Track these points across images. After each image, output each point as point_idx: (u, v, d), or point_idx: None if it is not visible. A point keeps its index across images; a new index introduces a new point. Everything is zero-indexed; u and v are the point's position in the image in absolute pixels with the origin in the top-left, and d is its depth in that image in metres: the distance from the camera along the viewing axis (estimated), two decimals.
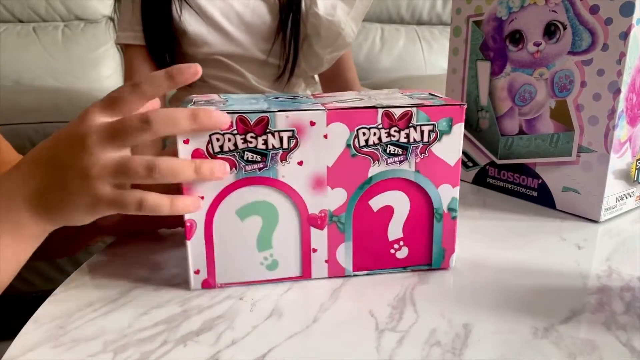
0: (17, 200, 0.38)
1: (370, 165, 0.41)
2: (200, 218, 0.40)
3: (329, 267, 0.43)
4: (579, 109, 0.54)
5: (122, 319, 0.39)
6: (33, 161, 0.39)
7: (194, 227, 0.40)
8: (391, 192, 0.42)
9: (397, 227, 0.43)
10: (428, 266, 0.45)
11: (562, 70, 0.55)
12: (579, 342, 0.36)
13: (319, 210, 0.42)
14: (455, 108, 0.41)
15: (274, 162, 0.40)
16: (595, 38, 0.51)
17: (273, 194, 0.41)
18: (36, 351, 0.35)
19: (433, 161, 0.42)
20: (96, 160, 0.37)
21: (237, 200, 0.40)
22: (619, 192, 0.55)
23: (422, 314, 0.39)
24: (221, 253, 0.42)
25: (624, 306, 0.40)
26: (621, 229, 0.53)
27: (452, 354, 0.35)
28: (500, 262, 0.47)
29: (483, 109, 0.63)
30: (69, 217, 0.39)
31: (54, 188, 0.38)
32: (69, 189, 0.37)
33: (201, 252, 0.41)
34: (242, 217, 0.41)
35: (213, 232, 0.41)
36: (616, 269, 0.45)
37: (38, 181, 0.38)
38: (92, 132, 0.37)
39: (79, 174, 0.37)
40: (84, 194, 0.37)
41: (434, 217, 0.43)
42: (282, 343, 0.36)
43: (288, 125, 0.39)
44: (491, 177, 0.64)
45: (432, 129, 0.41)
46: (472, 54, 0.63)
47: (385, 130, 0.40)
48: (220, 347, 0.36)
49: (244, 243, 0.42)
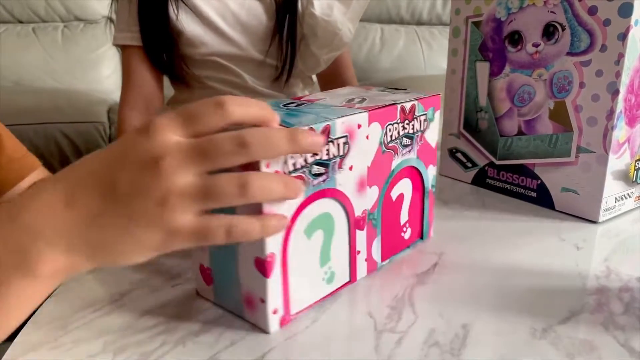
0: (45, 232, 0.30)
1: (393, 158, 0.44)
2: (278, 249, 0.36)
3: (367, 265, 0.44)
4: (578, 109, 0.54)
5: (121, 320, 0.39)
6: (79, 183, 0.31)
7: (274, 262, 0.35)
8: (403, 180, 0.46)
9: (405, 211, 0.47)
10: (420, 240, 0.50)
11: (561, 71, 0.55)
12: (578, 343, 0.36)
13: (362, 211, 0.42)
14: (437, 97, 0.46)
15: (333, 172, 0.38)
16: (594, 39, 0.51)
17: (330, 204, 0.39)
18: (36, 352, 0.36)
19: (425, 146, 0.47)
20: (175, 186, 0.30)
21: (305, 219, 0.37)
22: (618, 193, 0.55)
23: (421, 314, 0.39)
24: (294, 281, 0.37)
25: (622, 307, 0.40)
26: (620, 230, 0.53)
27: (451, 354, 0.35)
28: (499, 262, 0.47)
29: (482, 110, 0.63)
30: (123, 256, 0.32)
31: (112, 220, 0.31)
32: (136, 221, 0.30)
33: (278, 287, 0.36)
34: (309, 235, 0.38)
35: (287, 260, 0.37)
36: (615, 269, 0.45)
37: (86, 210, 0.30)
38: (168, 153, 0.30)
39: (153, 203, 0.30)
40: (157, 228, 0.31)
41: (425, 195, 0.49)
42: (280, 344, 0.36)
43: (343, 131, 0.38)
44: (490, 178, 0.64)
45: (425, 118, 0.46)
46: (471, 55, 0.63)
47: (401, 124, 0.43)
48: (220, 347, 0.36)
49: (310, 262, 0.39)
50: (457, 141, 0.67)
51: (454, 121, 0.67)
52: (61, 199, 0.31)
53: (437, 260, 0.47)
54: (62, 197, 0.31)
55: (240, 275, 0.37)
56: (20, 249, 0.30)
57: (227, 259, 0.37)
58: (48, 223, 0.30)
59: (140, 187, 0.30)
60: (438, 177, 0.69)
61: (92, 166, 0.32)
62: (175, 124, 0.31)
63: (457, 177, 0.68)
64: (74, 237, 0.31)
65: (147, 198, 0.30)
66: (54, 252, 0.30)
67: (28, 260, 0.30)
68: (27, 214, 0.31)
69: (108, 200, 0.31)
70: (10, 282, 0.30)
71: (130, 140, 0.31)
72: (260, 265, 0.35)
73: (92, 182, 0.31)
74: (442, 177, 0.69)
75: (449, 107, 0.67)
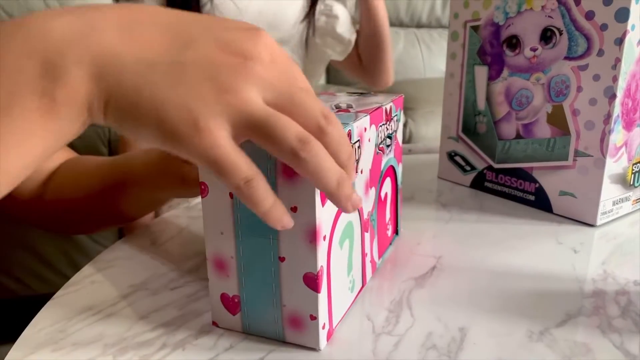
0: (79, 45, 0.25)
1: (382, 159, 0.45)
2: (324, 262, 0.35)
3: (372, 266, 0.45)
4: (575, 113, 0.54)
5: (121, 323, 0.39)
6: (145, 18, 0.27)
7: (322, 275, 0.34)
8: (387, 179, 0.47)
9: (388, 210, 0.49)
10: (397, 236, 0.52)
11: (559, 75, 0.55)
12: (574, 346, 0.36)
13: (367, 213, 0.42)
14: (401, 99, 0.49)
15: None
16: (591, 43, 0.52)
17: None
18: (36, 355, 0.36)
19: (397, 145, 0.49)
20: (247, 93, 0.26)
21: (338, 230, 0.37)
22: (615, 196, 0.56)
23: (419, 317, 0.39)
24: (334, 294, 0.37)
25: (619, 310, 0.40)
26: (617, 233, 0.54)
27: (448, 357, 0.35)
28: (496, 265, 0.47)
29: (480, 114, 0.63)
30: (140, 122, 0.26)
31: (161, 71, 0.26)
32: (182, 93, 0.26)
33: (325, 302, 0.36)
34: (341, 245, 0.37)
35: (330, 274, 0.36)
36: (612, 272, 0.46)
37: (139, 46, 0.26)
38: (262, 63, 0.27)
39: (214, 90, 0.26)
40: (196, 118, 0.26)
41: (397, 192, 0.51)
42: (279, 347, 0.36)
43: (357, 135, 0.37)
44: (489, 181, 0.64)
45: (397, 118, 0.48)
46: (469, 59, 0.63)
47: (386, 126, 0.44)
48: (219, 350, 0.36)
49: (342, 272, 0.38)
50: (455, 144, 0.67)
51: (453, 125, 0.67)
52: (114, 21, 0.26)
53: (435, 264, 0.47)
54: (115, 19, 0.26)
55: (283, 297, 0.35)
56: (43, 60, 0.24)
57: (264, 282, 0.36)
58: (86, 38, 0.25)
59: (214, 66, 0.26)
60: (437, 180, 0.69)
61: (168, 15, 0.28)
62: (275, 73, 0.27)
63: (455, 180, 0.68)
64: (109, 65, 0.25)
65: (213, 81, 0.26)
66: (79, 72, 0.25)
67: (50, 75, 0.24)
68: (60, 21, 0.25)
69: (171, 51, 0.26)
70: (19, 103, 0.24)
71: (226, 22, 0.28)
72: (310, 281, 0.34)
73: (163, 25, 0.27)
74: (441, 180, 0.69)
75: (447, 110, 0.67)
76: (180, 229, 0.55)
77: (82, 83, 0.25)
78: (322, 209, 0.33)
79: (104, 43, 0.26)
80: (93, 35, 0.25)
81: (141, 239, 0.53)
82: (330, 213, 0.34)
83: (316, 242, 0.33)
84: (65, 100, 0.25)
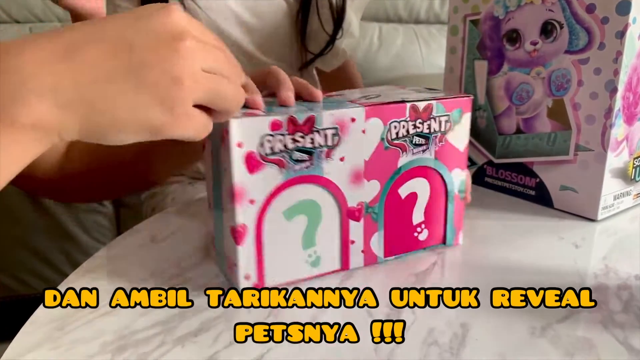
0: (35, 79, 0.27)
1: (400, 156, 0.44)
2: (252, 222, 0.40)
3: (365, 257, 0.45)
4: (576, 107, 0.54)
5: (120, 320, 0.39)
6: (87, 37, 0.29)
7: (245, 232, 0.40)
8: (416, 179, 0.46)
9: (419, 212, 0.47)
10: (443, 245, 0.49)
11: (559, 69, 0.55)
12: (576, 341, 0.36)
13: (357, 202, 0.43)
14: (465, 100, 0.46)
15: (319, 160, 0.41)
16: (592, 37, 0.51)
17: (317, 192, 0.42)
18: (34, 352, 0.35)
19: (448, 148, 0.46)
20: (192, 70, 0.30)
21: (284, 201, 0.40)
22: (616, 191, 0.55)
23: (420, 313, 0.39)
24: (269, 255, 0.41)
25: (621, 305, 0.40)
26: (618, 228, 0.53)
27: (450, 354, 0.35)
28: (497, 261, 0.47)
29: (480, 108, 0.63)
30: (116, 127, 0.29)
31: (118, 81, 0.29)
32: (144, 90, 0.29)
33: (251, 257, 0.41)
34: (289, 217, 0.41)
35: (262, 235, 0.41)
36: (613, 267, 0.45)
37: (91, 65, 0.28)
38: (191, 36, 0.30)
39: (168, 78, 0.29)
40: (162, 105, 0.30)
41: (448, 199, 0.48)
42: (280, 343, 0.36)
43: (332, 123, 0.40)
44: (489, 176, 0.64)
45: (447, 119, 0.45)
46: (469, 53, 0.63)
47: (412, 123, 0.43)
48: (218, 347, 0.36)
49: (290, 243, 0.42)
50: None
51: None
52: (60, 49, 0.28)
53: (436, 259, 0.47)
54: (62, 47, 0.28)
55: (224, 242, 0.42)
56: (6, 93, 0.26)
57: (219, 228, 0.43)
58: (41, 71, 0.27)
59: (158, 58, 0.29)
60: None
61: (103, 25, 0.29)
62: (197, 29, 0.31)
63: None
64: (69, 91, 0.28)
65: (164, 72, 0.29)
66: (40, 103, 0.27)
67: (10, 104, 0.27)
68: (18, 58, 0.27)
69: (120, 60, 0.29)
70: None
71: (149, 10, 0.30)
72: (233, 233, 0.40)
73: (104, 38, 0.29)
74: None
75: None
76: (180, 226, 0.55)
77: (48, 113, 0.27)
78: (249, 176, 0.38)
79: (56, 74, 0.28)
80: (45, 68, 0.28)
81: (141, 236, 0.52)
82: (265, 182, 0.39)
83: (235, 202, 0.38)
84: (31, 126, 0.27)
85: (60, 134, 0.29)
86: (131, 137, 0.30)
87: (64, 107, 0.28)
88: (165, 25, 0.30)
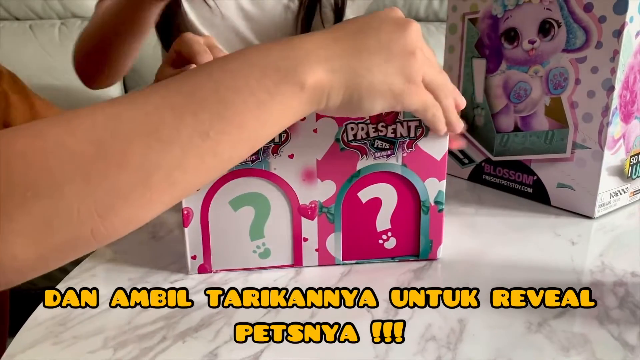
0: (316, 51, 0.35)
1: (359, 158, 0.43)
2: (197, 207, 0.43)
3: (319, 256, 0.45)
4: (574, 106, 0.54)
5: (121, 316, 0.39)
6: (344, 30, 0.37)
7: (191, 215, 0.43)
8: (379, 184, 0.44)
9: (385, 219, 0.45)
10: (415, 257, 0.47)
11: (557, 68, 0.55)
12: (572, 337, 0.36)
13: (309, 201, 0.43)
14: None
15: (265, 155, 0.42)
16: (589, 36, 0.52)
17: (265, 186, 0.43)
18: (36, 348, 0.36)
19: (419, 156, 0.43)
20: (423, 73, 0.37)
21: (230, 191, 0.43)
22: (613, 188, 0.56)
23: (418, 309, 0.40)
24: (216, 240, 0.44)
25: (616, 301, 0.40)
26: (615, 225, 0.54)
27: (447, 349, 0.35)
28: (495, 257, 0.47)
29: (479, 106, 0.63)
30: (371, 90, 0.36)
31: (372, 55, 0.36)
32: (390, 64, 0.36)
33: (198, 239, 0.44)
34: (235, 207, 0.43)
35: (208, 221, 0.43)
36: (609, 264, 0.46)
37: (351, 44, 0.36)
38: (422, 50, 0.37)
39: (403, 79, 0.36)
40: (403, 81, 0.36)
41: (421, 209, 0.45)
42: (280, 343, 0.36)
43: None
44: (487, 174, 0.64)
45: (418, 125, 0.43)
46: (467, 52, 0.63)
47: (372, 126, 0.42)
48: (219, 343, 0.36)
49: (237, 232, 0.44)
50: None
51: None
52: (329, 37, 0.36)
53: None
54: (330, 36, 0.36)
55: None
56: (293, 62, 0.34)
57: None
58: (318, 49, 0.35)
59: (398, 35, 0.36)
60: None
61: (354, 25, 0.37)
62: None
63: (453, 173, 0.68)
64: (338, 60, 0.35)
65: (404, 47, 0.36)
66: (320, 68, 0.34)
67: (299, 71, 0.33)
68: (302, 40, 0.35)
69: (373, 39, 0.36)
70: (278, 90, 0.33)
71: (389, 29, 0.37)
72: (182, 215, 0.43)
73: (357, 30, 0.36)
74: None
75: None
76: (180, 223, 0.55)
77: (324, 76, 0.34)
78: None
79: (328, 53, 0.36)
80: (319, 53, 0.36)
81: (141, 233, 0.53)
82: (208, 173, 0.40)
83: None
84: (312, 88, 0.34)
85: (330, 95, 0.35)
86: (379, 102, 0.36)
87: (334, 72, 0.34)
88: (406, 45, 0.37)
